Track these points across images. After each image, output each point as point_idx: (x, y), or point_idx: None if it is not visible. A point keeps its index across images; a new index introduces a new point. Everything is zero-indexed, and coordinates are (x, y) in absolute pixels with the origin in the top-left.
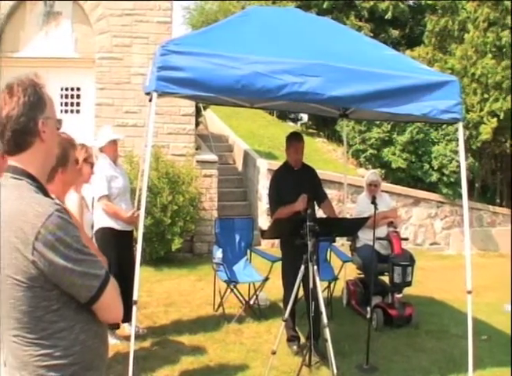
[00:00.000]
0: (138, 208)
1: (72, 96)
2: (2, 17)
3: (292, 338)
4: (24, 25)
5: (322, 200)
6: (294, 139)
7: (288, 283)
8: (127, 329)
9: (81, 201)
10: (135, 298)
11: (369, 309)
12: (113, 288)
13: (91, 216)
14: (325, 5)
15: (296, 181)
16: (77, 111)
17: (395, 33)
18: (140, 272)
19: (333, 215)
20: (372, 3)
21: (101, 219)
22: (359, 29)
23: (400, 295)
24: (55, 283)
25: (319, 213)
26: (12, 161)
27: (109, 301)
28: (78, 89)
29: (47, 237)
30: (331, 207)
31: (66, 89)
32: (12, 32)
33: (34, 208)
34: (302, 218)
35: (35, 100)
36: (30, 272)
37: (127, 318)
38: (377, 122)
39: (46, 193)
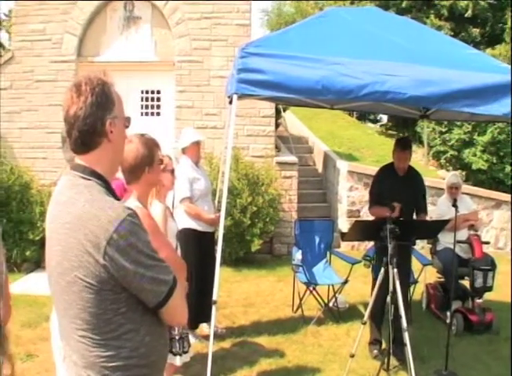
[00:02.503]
0: (219, 209)
1: (152, 99)
2: (83, 23)
3: (374, 342)
4: (105, 30)
5: (418, 213)
6: (398, 147)
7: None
8: (205, 329)
9: (166, 211)
10: (214, 297)
11: (448, 313)
12: (179, 293)
13: (176, 225)
14: (404, 5)
15: (397, 187)
16: (158, 114)
17: (476, 31)
18: (220, 273)
19: None
20: (451, 1)
21: (183, 221)
22: (439, 28)
23: (480, 300)
24: (124, 286)
25: None
26: (79, 160)
27: (176, 306)
28: (158, 92)
29: (119, 243)
30: None
31: (147, 92)
32: (93, 37)
33: (106, 213)
34: (383, 221)
35: (103, 100)
36: (101, 276)
37: (206, 318)
38: (458, 123)
39: (113, 194)
